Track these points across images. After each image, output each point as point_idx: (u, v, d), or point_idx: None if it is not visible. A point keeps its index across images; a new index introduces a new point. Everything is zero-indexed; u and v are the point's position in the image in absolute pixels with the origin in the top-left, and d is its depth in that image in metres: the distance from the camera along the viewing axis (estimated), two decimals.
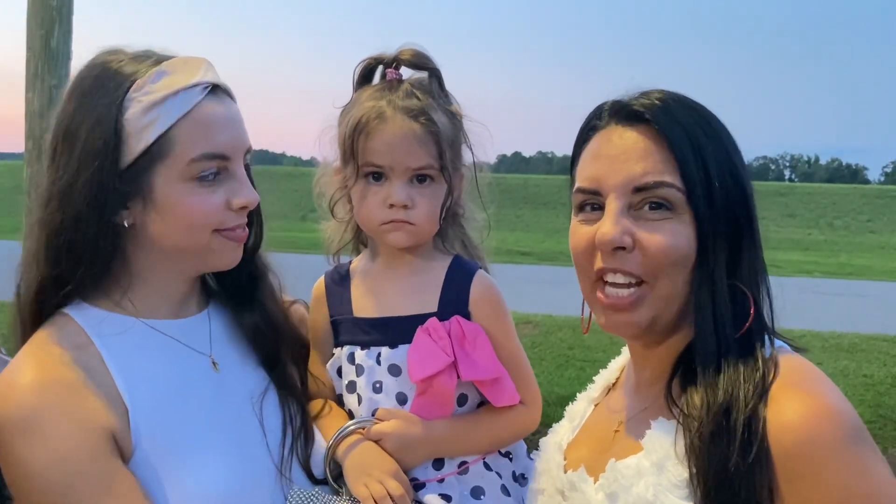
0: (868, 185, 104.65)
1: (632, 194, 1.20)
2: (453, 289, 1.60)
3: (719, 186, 1.19)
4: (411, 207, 1.55)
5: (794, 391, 1.10)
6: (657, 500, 1.13)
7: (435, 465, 1.55)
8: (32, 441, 1.23)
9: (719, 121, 1.26)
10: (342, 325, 1.65)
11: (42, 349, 1.33)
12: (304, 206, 27.69)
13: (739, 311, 1.20)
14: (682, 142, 1.19)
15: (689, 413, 1.15)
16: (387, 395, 1.56)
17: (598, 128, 1.28)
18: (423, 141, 1.53)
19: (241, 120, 1.43)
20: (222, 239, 1.40)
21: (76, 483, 1.22)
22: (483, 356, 1.54)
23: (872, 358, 9.86)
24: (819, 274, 23.18)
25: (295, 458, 1.46)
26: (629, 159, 1.21)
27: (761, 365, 1.14)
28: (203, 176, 1.35)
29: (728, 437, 1.09)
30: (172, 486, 1.29)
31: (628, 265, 1.20)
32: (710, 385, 1.15)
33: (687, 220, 1.19)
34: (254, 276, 1.56)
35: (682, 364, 1.22)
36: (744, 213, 1.22)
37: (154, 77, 1.33)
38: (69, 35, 5.82)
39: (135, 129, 1.32)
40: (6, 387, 1.29)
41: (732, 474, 1.07)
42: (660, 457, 1.17)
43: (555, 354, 9.15)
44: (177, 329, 1.45)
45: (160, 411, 1.34)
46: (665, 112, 1.21)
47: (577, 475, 1.31)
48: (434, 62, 1.63)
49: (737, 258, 1.21)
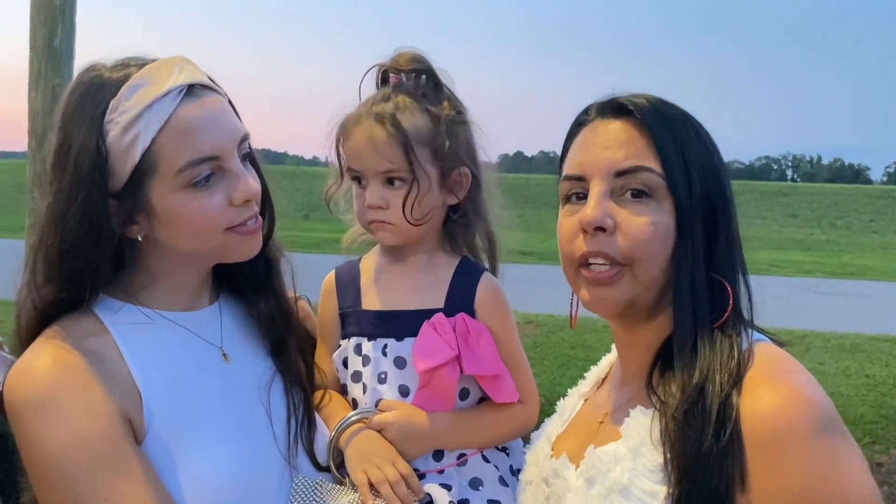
0: (870, 185, 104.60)
1: (614, 178, 1.25)
2: (460, 287, 1.65)
3: (697, 177, 1.24)
4: (386, 208, 1.61)
5: (768, 380, 1.13)
6: (632, 484, 1.17)
7: (435, 456, 1.59)
8: (49, 422, 1.25)
9: (700, 123, 1.32)
10: (350, 318, 1.69)
11: (58, 336, 1.34)
12: (306, 206, 27.70)
13: (717, 302, 1.24)
14: (663, 132, 1.25)
15: (664, 399, 1.18)
16: (390, 386, 1.60)
17: (585, 122, 1.35)
18: (386, 144, 1.58)
19: (225, 112, 1.40)
20: (235, 235, 1.40)
21: (92, 463, 1.24)
22: (486, 353, 1.58)
23: (875, 358, 9.85)
24: (821, 274, 23.17)
25: (300, 446, 1.48)
26: (612, 146, 1.27)
27: (737, 353, 1.18)
28: (196, 182, 1.34)
29: (701, 422, 1.11)
30: (182, 471, 1.31)
31: (608, 248, 1.24)
32: (686, 370, 1.19)
33: (667, 207, 1.24)
34: (268, 263, 1.57)
35: (662, 355, 1.27)
36: (721, 205, 1.27)
37: (128, 93, 1.31)
38: (72, 34, 5.83)
39: (118, 150, 1.31)
40: (24, 371, 1.31)
41: (704, 460, 1.09)
42: (636, 443, 1.20)
43: (556, 354, 9.15)
44: (189, 321, 1.47)
45: (172, 397, 1.35)
46: (649, 106, 1.28)
47: (560, 462, 1.36)
48: (428, 63, 1.67)
49: (714, 249, 1.26)
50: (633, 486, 1.17)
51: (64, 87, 5.80)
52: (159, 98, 1.32)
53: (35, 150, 5.71)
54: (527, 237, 30.68)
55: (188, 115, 1.33)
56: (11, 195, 32.11)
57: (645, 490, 1.16)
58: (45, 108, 5.69)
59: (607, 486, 1.20)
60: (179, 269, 1.44)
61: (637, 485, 1.17)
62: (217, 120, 1.37)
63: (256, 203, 1.43)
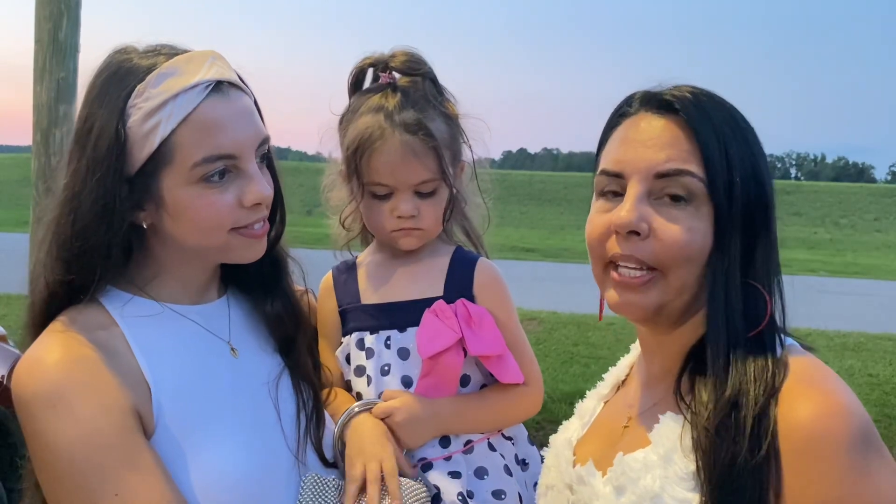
0: (874, 183, 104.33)
1: (653, 180, 1.20)
2: (458, 274, 1.66)
3: (741, 182, 1.19)
4: (418, 216, 1.61)
5: (806, 389, 1.10)
6: (664, 492, 1.14)
7: (442, 442, 1.59)
8: (59, 416, 1.24)
9: (747, 120, 1.27)
10: (350, 314, 1.69)
11: (67, 329, 1.33)
12: (309, 202, 27.72)
13: (751, 309, 1.20)
14: (708, 134, 1.20)
15: (695, 409, 1.15)
16: (394, 377, 1.60)
17: (628, 114, 1.29)
18: (423, 155, 1.57)
19: (249, 113, 1.39)
20: (240, 237, 1.39)
21: (102, 457, 1.23)
22: (489, 333, 1.59)
23: (878, 357, 9.85)
24: (825, 273, 23.12)
25: (309, 441, 1.47)
26: (655, 145, 1.21)
27: (771, 364, 1.14)
28: (209, 177, 1.33)
29: (735, 434, 1.09)
30: (191, 465, 1.30)
31: (641, 252, 1.20)
32: (719, 381, 1.15)
33: (705, 213, 1.19)
34: (276, 265, 1.56)
35: (691, 359, 1.23)
36: (762, 212, 1.22)
37: (155, 81, 1.31)
38: (77, 27, 5.82)
39: (137, 136, 1.31)
40: (32, 363, 1.29)
41: (740, 470, 1.07)
42: (667, 450, 1.17)
43: (559, 351, 9.15)
44: (198, 314, 1.46)
45: (181, 391, 1.35)
46: (695, 105, 1.22)
47: (586, 469, 1.32)
48: (427, 65, 1.65)
49: (751, 256, 1.22)
50: (665, 493, 1.14)
51: (69, 80, 5.81)
52: (186, 90, 1.31)
53: (40, 144, 5.72)
54: (530, 234, 30.67)
55: (212, 111, 1.33)
56: (16, 189, 32.20)
57: (677, 498, 1.13)
58: (50, 102, 5.70)
59: (638, 494, 1.16)
60: (185, 263, 1.44)
61: (669, 493, 1.14)
62: (240, 119, 1.36)
63: (267, 207, 1.42)
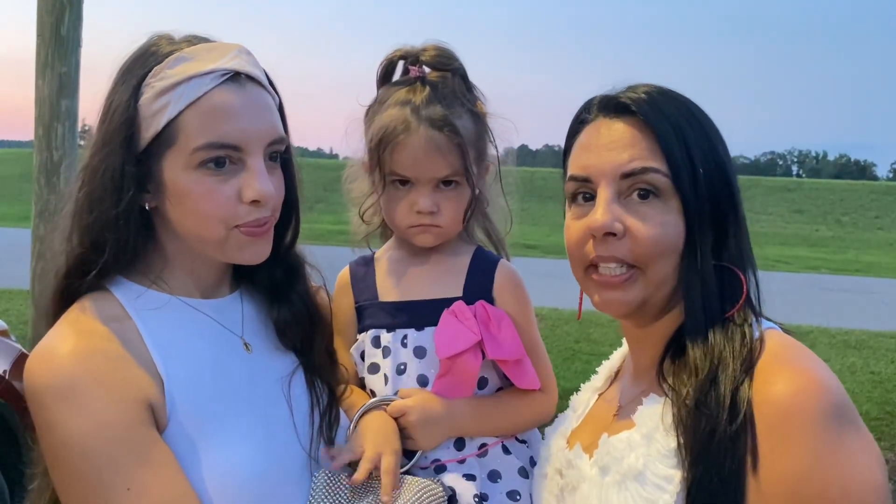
0: (876, 181, 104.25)
1: (620, 180, 1.25)
2: (478, 275, 1.64)
3: (703, 172, 1.24)
4: (437, 212, 1.60)
5: (781, 366, 1.13)
6: (647, 469, 1.18)
7: (456, 445, 1.58)
8: (73, 408, 1.23)
9: (703, 112, 1.32)
10: (367, 310, 1.68)
11: (80, 320, 1.32)
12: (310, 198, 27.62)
13: (727, 292, 1.25)
14: (666, 131, 1.25)
15: (676, 387, 1.19)
16: (409, 376, 1.59)
17: (588, 121, 1.34)
18: (447, 151, 1.56)
19: (264, 108, 1.37)
20: (240, 235, 1.36)
21: (116, 451, 1.22)
22: (508, 338, 1.58)
23: (880, 355, 9.85)
24: (826, 270, 23.12)
25: (321, 439, 1.46)
26: (616, 148, 1.27)
27: (749, 341, 1.19)
28: (208, 165, 1.32)
29: (715, 408, 1.12)
30: (203, 461, 1.29)
31: (619, 252, 1.25)
32: (698, 359, 1.20)
33: (674, 206, 1.24)
34: (289, 272, 1.54)
35: (673, 345, 1.27)
36: (728, 199, 1.27)
37: (172, 63, 1.32)
38: (79, 22, 5.81)
39: (146, 114, 1.31)
40: (45, 355, 1.28)
41: (717, 445, 1.10)
42: (649, 429, 1.21)
43: (561, 348, 9.16)
44: (211, 308, 1.45)
45: (194, 386, 1.33)
46: (650, 104, 1.27)
47: (574, 453, 1.36)
48: (458, 61, 1.65)
49: (723, 242, 1.27)
50: (648, 471, 1.18)
51: (71, 75, 5.80)
52: (200, 75, 1.31)
53: (42, 138, 5.72)
54: (531, 231, 30.60)
55: (222, 99, 1.31)
56: (18, 184, 32.17)
57: (660, 475, 1.16)
58: (52, 97, 5.69)
59: (622, 473, 1.20)
60: (191, 256, 1.42)
61: (652, 470, 1.17)
62: (251, 112, 1.34)
63: (273, 207, 1.40)
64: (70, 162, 5.76)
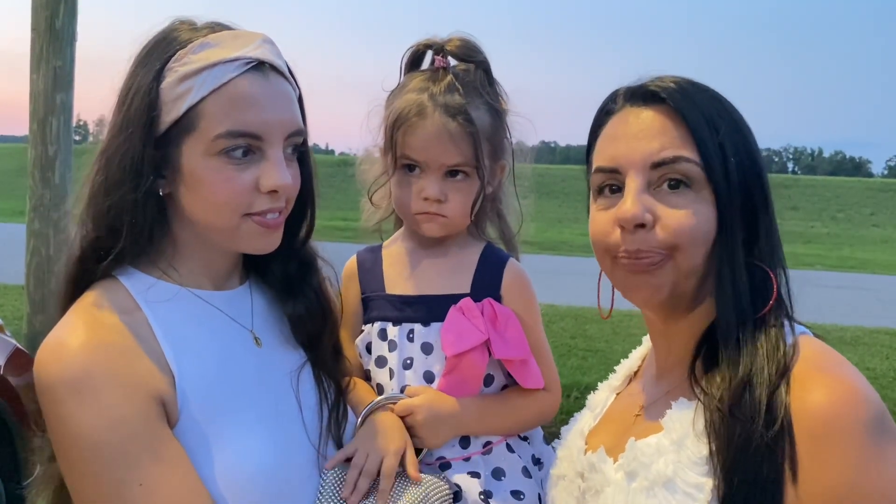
0: (871, 178, 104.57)
1: (650, 170, 1.20)
2: (486, 273, 1.63)
3: (736, 163, 1.20)
4: (444, 201, 1.59)
5: (820, 374, 1.10)
6: (676, 476, 1.13)
7: (461, 443, 1.58)
8: (84, 403, 1.21)
9: (731, 103, 1.27)
10: (373, 302, 1.67)
11: (90, 312, 1.31)
12: None
13: (759, 291, 1.20)
14: (697, 118, 1.20)
15: (708, 391, 1.15)
16: (415, 372, 1.59)
17: (614, 111, 1.29)
18: (459, 139, 1.55)
19: (286, 99, 1.36)
20: (252, 224, 1.35)
21: (127, 446, 1.21)
22: (514, 337, 1.57)
23: (875, 351, 9.88)
24: (822, 267, 23.17)
25: (330, 435, 1.45)
26: (646, 136, 1.21)
27: (782, 345, 1.14)
28: (229, 153, 1.30)
29: (750, 414, 1.09)
30: (214, 456, 1.28)
31: (648, 244, 1.19)
32: (732, 362, 1.15)
33: (706, 196, 1.19)
34: (303, 266, 1.53)
35: (704, 345, 1.23)
36: (760, 192, 1.23)
37: (197, 48, 1.30)
38: (74, 16, 5.79)
39: (168, 98, 1.29)
40: (56, 348, 1.26)
41: (753, 452, 1.07)
42: (679, 435, 1.17)
43: (557, 344, 9.14)
44: (220, 300, 1.43)
45: (205, 380, 1.32)
46: (680, 92, 1.23)
47: (597, 456, 1.32)
48: (482, 54, 1.64)
49: (755, 237, 1.22)
50: (678, 478, 1.13)
51: (66, 69, 5.78)
52: (225, 62, 1.29)
53: (36, 133, 5.70)
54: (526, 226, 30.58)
55: (245, 87, 1.30)
56: (12, 179, 32.10)
57: (690, 482, 1.12)
58: (47, 91, 5.67)
59: (650, 479, 1.16)
60: (202, 244, 1.40)
61: (682, 477, 1.13)
62: (274, 102, 1.33)
63: (287, 199, 1.39)
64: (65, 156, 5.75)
